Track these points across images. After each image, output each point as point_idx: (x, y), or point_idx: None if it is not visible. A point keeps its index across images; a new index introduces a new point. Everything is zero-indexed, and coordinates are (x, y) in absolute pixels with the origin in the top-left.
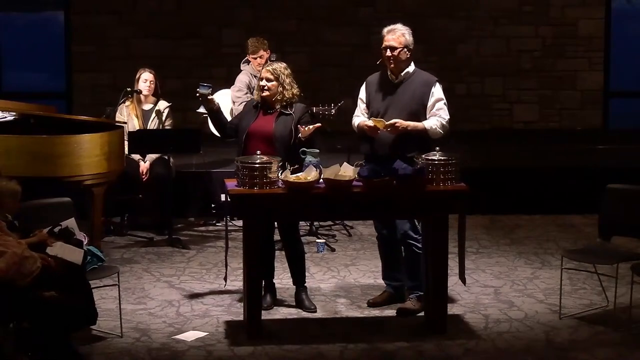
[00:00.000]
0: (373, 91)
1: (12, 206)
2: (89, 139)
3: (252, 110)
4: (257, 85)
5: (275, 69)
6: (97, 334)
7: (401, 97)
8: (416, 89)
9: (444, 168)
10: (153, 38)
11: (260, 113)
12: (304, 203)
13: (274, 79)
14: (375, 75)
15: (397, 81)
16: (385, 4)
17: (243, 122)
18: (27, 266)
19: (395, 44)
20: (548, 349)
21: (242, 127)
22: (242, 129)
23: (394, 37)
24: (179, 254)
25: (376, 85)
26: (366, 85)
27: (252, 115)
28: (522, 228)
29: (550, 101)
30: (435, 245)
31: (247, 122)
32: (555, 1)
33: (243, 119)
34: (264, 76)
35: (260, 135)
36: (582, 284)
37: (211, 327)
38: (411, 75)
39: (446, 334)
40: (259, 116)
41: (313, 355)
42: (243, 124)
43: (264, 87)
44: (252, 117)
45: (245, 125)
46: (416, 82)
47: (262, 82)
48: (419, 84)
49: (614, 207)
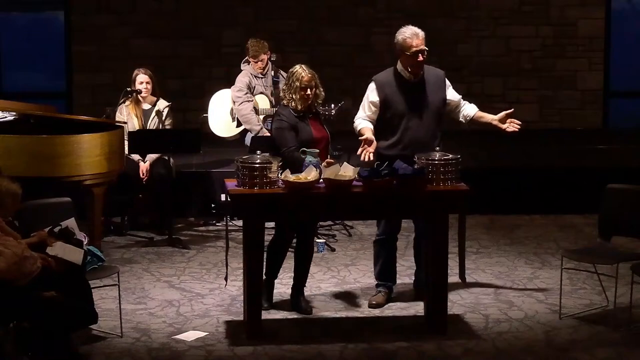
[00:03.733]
0: (390, 92)
1: (11, 207)
2: (89, 139)
3: (296, 119)
4: (300, 94)
5: (314, 74)
6: (97, 334)
7: (424, 95)
8: (433, 85)
9: (444, 168)
10: (153, 38)
11: (307, 119)
12: (304, 203)
13: (315, 85)
14: (385, 76)
15: (415, 80)
16: (385, 4)
17: (302, 134)
18: (27, 266)
19: (425, 47)
20: (548, 349)
21: (305, 139)
22: (306, 139)
23: (421, 40)
24: (179, 253)
25: (392, 86)
26: (378, 86)
27: (305, 124)
28: (522, 228)
29: (550, 101)
30: (436, 245)
31: (307, 132)
32: (555, 1)
33: (299, 131)
34: (310, 85)
35: (322, 139)
36: (582, 284)
37: (211, 327)
38: (424, 73)
39: (446, 334)
40: (309, 122)
41: (313, 355)
42: (304, 136)
43: (309, 95)
44: (306, 125)
45: (308, 136)
46: (430, 79)
47: (308, 92)
48: (433, 80)
49: (614, 207)
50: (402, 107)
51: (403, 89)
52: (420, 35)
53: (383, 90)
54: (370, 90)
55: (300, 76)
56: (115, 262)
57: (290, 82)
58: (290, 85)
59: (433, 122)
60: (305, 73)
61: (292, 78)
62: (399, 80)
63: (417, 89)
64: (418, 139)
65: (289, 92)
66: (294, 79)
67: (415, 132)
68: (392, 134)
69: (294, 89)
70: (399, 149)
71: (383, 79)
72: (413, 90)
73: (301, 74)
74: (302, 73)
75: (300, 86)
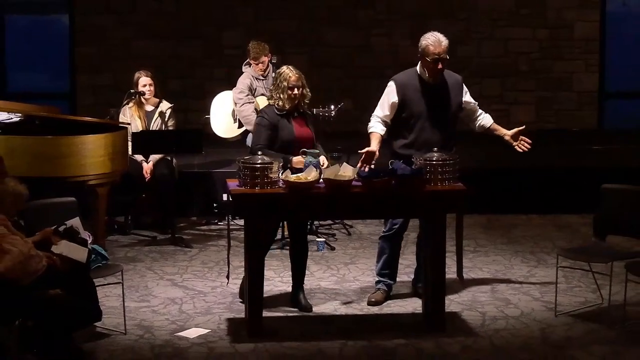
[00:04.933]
0: (410, 93)
1: (14, 208)
2: (93, 140)
3: (277, 118)
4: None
5: (301, 75)
6: (101, 331)
7: (441, 98)
8: (452, 88)
9: (441, 168)
10: (154, 39)
11: (291, 119)
12: (304, 203)
13: (302, 85)
14: (406, 77)
15: (434, 83)
16: (384, 5)
17: (283, 132)
18: (32, 264)
19: (447, 55)
20: (544, 346)
21: (287, 137)
22: (287, 139)
23: (443, 48)
24: (181, 252)
25: (412, 86)
26: (399, 87)
27: (287, 123)
28: (518, 227)
29: (547, 102)
30: (434, 244)
31: (288, 130)
32: (552, 4)
33: (281, 129)
34: (297, 84)
35: (305, 139)
36: (577, 282)
37: (213, 324)
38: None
39: (444, 331)
40: (292, 122)
41: (313, 352)
42: (285, 134)
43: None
44: (288, 124)
45: (289, 134)
46: (449, 83)
47: (295, 91)
48: (451, 84)
49: (609, 206)
50: (419, 108)
51: (422, 90)
52: (444, 43)
53: (402, 91)
54: (390, 90)
55: (288, 76)
56: (119, 261)
57: (277, 82)
58: (278, 85)
59: (448, 124)
60: (292, 73)
61: (280, 78)
62: (418, 81)
63: (436, 91)
64: (433, 140)
65: (276, 91)
66: (281, 79)
67: (430, 134)
68: (408, 134)
69: (282, 88)
70: (413, 149)
71: (403, 80)
72: (431, 92)
73: (289, 74)
74: (290, 73)
75: (288, 86)
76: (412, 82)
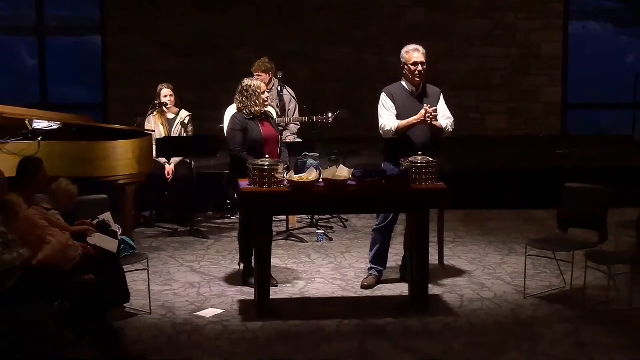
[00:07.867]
0: (398, 101)
1: (67, 205)
2: (122, 145)
3: (247, 122)
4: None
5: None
6: (129, 311)
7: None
8: (432, 98)
9: (425, 170)
10: (174, 57)
11: (257, 121)
12: (306, 199)
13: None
14: (394, 88)
15: (417, 93)
16: (377, 28)
17: (252, 133)
18: (70, 253)
19: (424, 60)
20: (514, 324)
21: (255, 137)
22: (256, 139)
23: (421, 54)
24: (199, 242)
25: (400, 97)
26: (390, 96)
27: (255, 125)
28: (492, 221)
29: (518, 112)
30: (418, 236)
31: (257, 131)
32: (522, 27)
33: (250, 131)
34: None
35: (271, 138)
36: (543, 269)
37: (227, 305)
38: (424, 87)
39: (428, 311)
40: (258, 124)
41: (314, 330)
42: (254, 135)
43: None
44: (256, 126)
45: (257, 135)
46: (429, 94)
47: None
48: (432, 95)
49: (571, 203)
50: (407, 115)
51: (408, 100)
52: (421, 50)
53: (392, 98)
54: (383, 98)
55: (258, 87)
56: (145, 250)
57: (249, 93)
58: (251, 95)
59: (431, 130)
60: (261, 84)
61: (250, 90)
62: (403, 92)
63: (419, 100)
64: (418, 144)
65: (249, 101)
66: (254, 89)
67: (419, 138)
68: (396, 139)
69: (257, 96)
70: (401, 152)
71: (391, 90)
72: (414, 102)
73: (259, 86)
74: (258, 84)
75: (261, 94)
76: (399, 92)
